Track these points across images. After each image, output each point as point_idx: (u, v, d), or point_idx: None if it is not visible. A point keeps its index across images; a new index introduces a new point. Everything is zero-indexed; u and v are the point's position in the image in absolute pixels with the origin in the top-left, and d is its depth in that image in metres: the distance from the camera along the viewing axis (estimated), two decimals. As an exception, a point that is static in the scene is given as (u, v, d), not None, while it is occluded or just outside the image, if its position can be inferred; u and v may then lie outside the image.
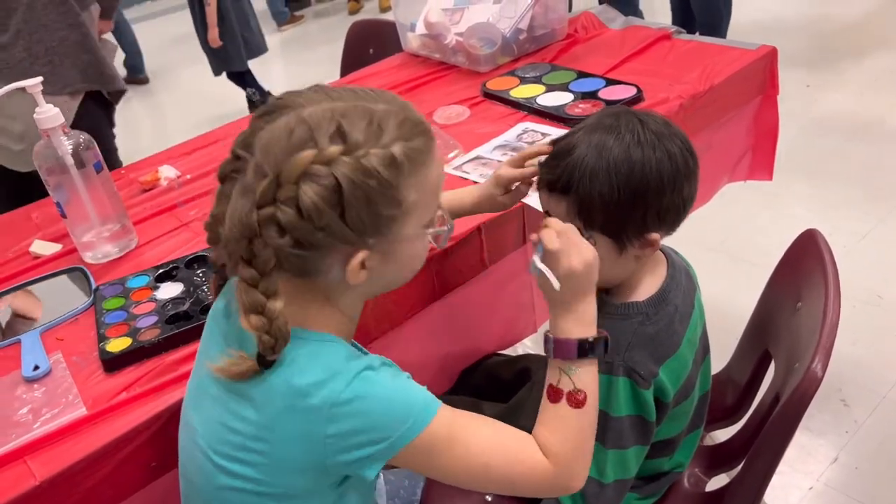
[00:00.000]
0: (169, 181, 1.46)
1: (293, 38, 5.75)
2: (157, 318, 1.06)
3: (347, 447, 0.73)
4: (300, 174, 0.68)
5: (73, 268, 1.23)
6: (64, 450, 0.89)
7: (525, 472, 0.80)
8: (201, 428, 0.80)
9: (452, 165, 1.37)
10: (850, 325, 1.91)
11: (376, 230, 0.73)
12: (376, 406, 0.73)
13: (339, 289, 0.78)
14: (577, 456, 0.82)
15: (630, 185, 0.86)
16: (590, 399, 0.82)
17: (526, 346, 1.78)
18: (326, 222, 0.69)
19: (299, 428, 0.72)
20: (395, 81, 1.79)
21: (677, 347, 0.93)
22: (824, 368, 0.83)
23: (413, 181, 0.73)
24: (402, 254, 0.78)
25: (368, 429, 0.72)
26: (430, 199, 0.78)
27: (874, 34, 3.71)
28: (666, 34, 1.76)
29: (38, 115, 1.14)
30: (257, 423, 0.74)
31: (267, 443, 0.74)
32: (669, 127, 0.90)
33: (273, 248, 0.70)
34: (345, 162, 0.68)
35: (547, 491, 0.83)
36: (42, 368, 1.00)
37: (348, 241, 0.72)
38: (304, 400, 0.72)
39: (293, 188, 0.68)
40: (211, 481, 0.79)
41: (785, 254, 1.11)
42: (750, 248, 2.19)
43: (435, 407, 0.76)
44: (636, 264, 0.93)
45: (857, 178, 2.58)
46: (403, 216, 0.74)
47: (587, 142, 0.88)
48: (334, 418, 0.71)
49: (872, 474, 1.58)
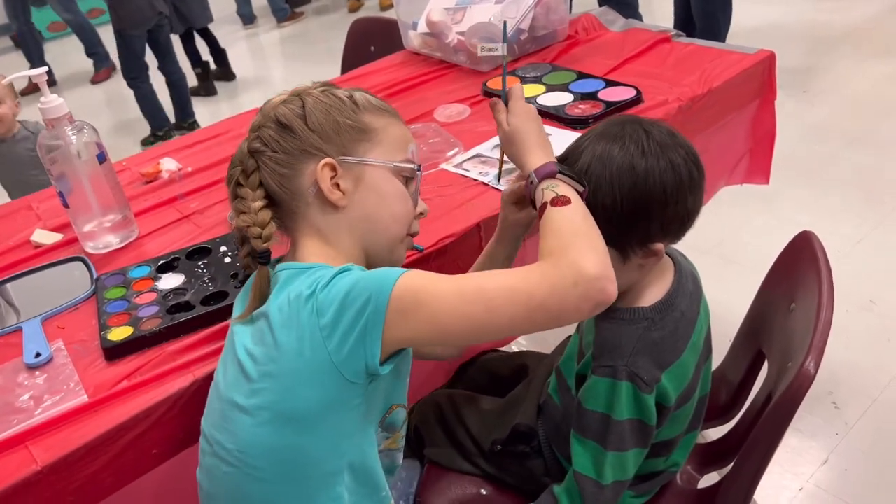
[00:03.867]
0: (170, 173, 1.47)
1: (293, 35, 5.75)
2: (158, 308, 1.07)
3: (343, 332, 0.76)
4: (280, 102, 0.88)
5: (75, 257, 1.24)
6: (65, 436, 0.90)
7: (524, 277, 0.75)
8: (223, 381, 0.86)
9: (453, 163, 1.38)
10: (843, 330, 1.94)
11: (338, 137, 0.86)
12: (354, 279, 0.78)
13: (326, 220, 0.87)
14: (573, 244, 0.76)
15: (633, 196, 0.86)
16: (574, 201, 0.82)
17: (521, 345, 1.79)
18: (296, 129, 0.86)
19: (298, 331, 0.78)
20: (396, 79, 1.80)
21: (681, 353, 0.93)
22: (817, 367, 0.84)
23: (375, 116, 0.89)
24: (374, 182, 0.88)
25: (352, 300, 0.76)
26: (393, 140, 0.90)
27: (872, 41, 3.73)
28: (666, 37, 1.78)
29: (42, 105, 1.15)
30: (268, 347, 0.80)
31: (277, 363, 0.79)
32: (675, 137, 0.89)
33: (259, 165, 0.86)
34: (312, 93, 0.89)
35: (559, 288, 0.73)
36: (43, 356, 1.01)
37: (313, 145, 0.85)
38: (299, 300, 0.78)
39: (272, 112, 0.87)
40: (234, 428, 0.82)
41: (780, 255, 1.12)
42: (745, 252, 2.21)
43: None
44: (640, 272, 0.93)
45: (853, 183, 2.60)
46: (367, 141, 0.88)
47: (592, 151, 0.88)
48: (322, 306, 0.77)
49: (861, 476, 1.60)
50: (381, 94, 1.71)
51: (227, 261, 1.15)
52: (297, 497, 0.83)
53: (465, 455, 1.15)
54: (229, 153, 1.51)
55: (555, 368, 1.11)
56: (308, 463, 0.82)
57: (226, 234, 1.24)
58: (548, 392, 1.12)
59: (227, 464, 0.84)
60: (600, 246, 0.77)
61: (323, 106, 0.87)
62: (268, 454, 0.81)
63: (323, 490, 0.83)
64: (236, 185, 0.88)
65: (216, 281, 1.11)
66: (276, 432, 0.80)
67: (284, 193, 0.87)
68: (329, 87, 0.90)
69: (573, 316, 0.75)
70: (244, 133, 0.89)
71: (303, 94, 0.89)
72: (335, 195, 0.86)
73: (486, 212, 1.22)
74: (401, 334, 0.77)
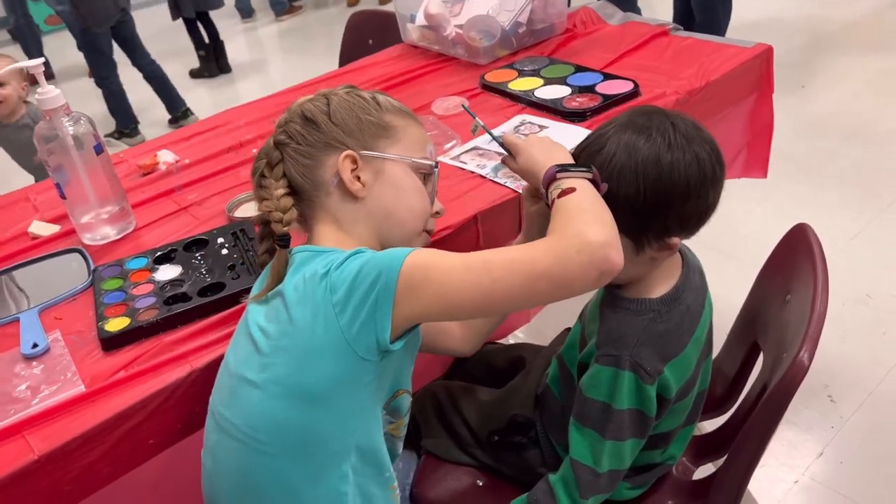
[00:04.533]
0: (168, 165, 1.47)
1: (292, 29, 5.74)
2: (155, 300, 1.07)
3: (355, 308, 0.78)
4: (306, 100, 0.93)
5: (72, 249, 1.24)
6: (62, 426, 0.90)
7: (529, 248, 0.77)
8: (233, 359, 0.88)
9: (450, 155, 1.38)
10: (839, 323, 1.95)
11: (360, 132, 0.90)
12: (366, 259, 0.80)
13: (345, 210, 0.90)
14: (578, 218, 0.78)
15: (657, 188, 0.86)
16: (579, 188, 0.83)
17: (518, 337, 1.79)
18: (320, 123, 0.90)
19: (313, 308, 0.80)
20: (394, 72, 1.80)
21: (685, 346, 0.94)
22: (811, 358, 0.84)
23: (395, 116, 0.94)
24: (392, 177, 0.92)
25: (363, 277, 0.78)
26: (412, 139, 0.94)
27: (871, 36, 3.73)
28: (664, 30, 1.78)
29: (40, 97, 1.14)
30: (282, 324, 0.82)
31: (290, 337, 0.81)
32: (700, 131, 0.89)
33: (284, 157, 0.90)
34: (338, 93, 0.94)
35: (563, 256, 0.75)
36: (41, 346, 1.01)
37: (336, 138, 0.90)
38: (314, 278, 0.81)
39: (298, 108, 0.92)
40: (242, 403, 0.84)
41: (776, 247, 1.12)
42: (742, 246, 2.21)
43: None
44: (651, 265, 0.93)
45: (850, 178, 2.60)
46: (387, 138, 0.92)
47: (617, 141, 0.88)
48: (335, 284, 0.79)
49: (856, 469, 1.61)
50: (379, 87, 1.72)
51: (225, 252, 1.15)
52: (303, 473, 0.84)
53: (461, 446, 1.15)
54: (227, 145, 1.54)
55: (556, 357, 1.12)
56: (316, 440, 0.83)
57: (223, 225, 1.25)
58: (546, 383, 1.13)
59: (234, 439, 0.85)
60: (607, 219, 0.79)
61: (347, 104, 0.92)
62: (276, 429, 0.82)
63: (329, 468, 0.84)
64: (260, 177, 0.92)
65: (213, 272, 1.11)
66: (286, 407, 0.81)
67: (306, 183, 0.90)
68: (354, 89, 0.95)
69: (578, 284, 0.75)
70: (242, 125, 0.90)
71: (328, 94, 0.94)
72: (355, 186, 0.89)
73: (483, 204, 1.22)
74: (410, 309, 0.78)
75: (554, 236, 0.78)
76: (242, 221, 1.24)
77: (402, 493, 1.13)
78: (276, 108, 1.68)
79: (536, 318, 1.58)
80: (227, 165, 1.46)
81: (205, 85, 4.74)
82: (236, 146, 1.53)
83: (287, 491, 0.84)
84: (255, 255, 1.12)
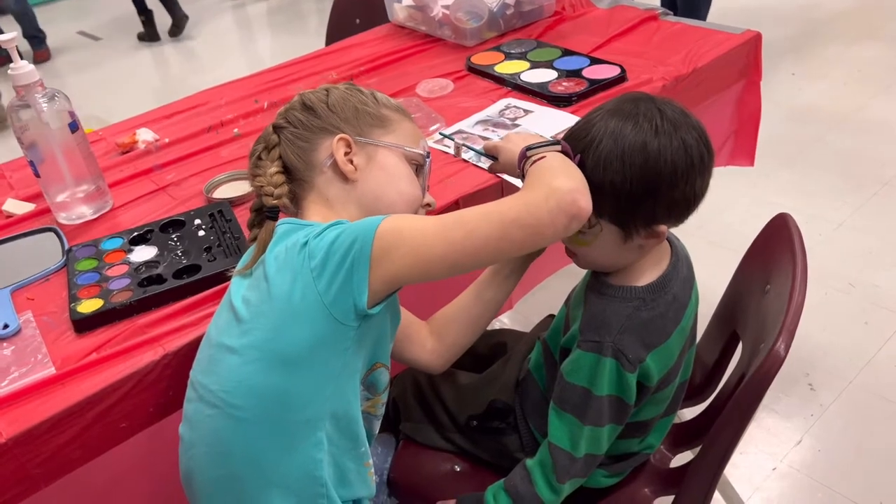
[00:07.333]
0: (147, 144, 1.44)
1: (280, 8, 5.66)
2: (129, 281, 1.05)
3: (332, 272, 0.79)
4: (308, 91, 0.97)
5: (46, 228, 1.22)
6: (31, 408, 0.88)
7: (500, 201, 0.80)
8: (215, 330, 0.89)
9: (434, 138, 1.37)
10: (821, 312, 1.96)
11: (356, 120, 0.94)
12: (343, 228, 0.82)
13: (336, 191, 0.92)
14: (547, 173, 0.81)
15: (643, 174, 0.84)
16: (549, 155, 0.86)
17: (502, 323, 1.79)
18: (318, 110, 0.94)
19: (292, 274, 0.81)
20: (380, 52, 1.77)
21: (668, 336, 0.93)
22: (787, 348, 0.84)
23: (391, 112, 0.97)
24: (385, 162, 0.94)
25: (340, 243, 0.80)
26: (406, 133, 0.97)
27: (861, 24, 3.72)
28: (653, 15, 1.76)
29: (12, 72, 1.12)
30: (262, 291, 0.83)
31: (269, 303, 0.82)
32: (687, 117, 0.88)
33: (280, 140, 0.93)
34: (339, 86, 0.98)
35: (532, 204, 0.78)
36: (11, 327, 0.99)
37: (332, 124, 0.93)
38: (294, 247, 0.83)
39: (300, 97, 0.96)
40: (220, 369, 0.85)
41: (756, 237, 1.12)
42: (727, 235, 2.21)
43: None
44: (639, 253, 0.93)
45: (837, 166, 2.60)
46: (382, 128, 0.95)
47: (604, 127, 0.87)
48: (313, 250, 0.81)
49: (834, 457, 1.62)
50: (365, 69, 1.70)
51: (201, 234, 1.14)
52: (278, 439, 0.84)
53: (440, 430, 1.15)
54: (207, 125, 1.52)
55: (540, 341, 1.11)
56: (291, 405, 0.83)
57: (201, 206, 1.23)
58: (528, 368, 1.12)
59: (210, 405, 0.85)
60: (574, 173, 0.82)
61: (346, 95, 0.96)
62: (251, 393, 0.83)
63: (304, 435, 0.85)
64: (257, 159, 0.94)
65: (189, 254, 1.09)
66: (262, 371, 0.82)
67: (300, 164, 0.93)
68: (354, 85, 1.00)
69: (549, 231, 0.78)
70: (222, 105, 0.89)
71: (330, 87, 0.98)
72: (348, 167, 0.92)
73: (466, 188, 1.21)
74: (385, 271, 0.79)
75: (524, 189, 0.82)
76: (220, 202, 1.22)
77: (379, 479, 1.13)
78: (258, 88, 1.65)
79: (520, 303, 1.58)
80: (207, 145, 1.43)
81: (190, 64, 4.68)
82: (217, 125, 1.51)
83: (262, 457, 0.85)
84: (233, 238, 1.11)
